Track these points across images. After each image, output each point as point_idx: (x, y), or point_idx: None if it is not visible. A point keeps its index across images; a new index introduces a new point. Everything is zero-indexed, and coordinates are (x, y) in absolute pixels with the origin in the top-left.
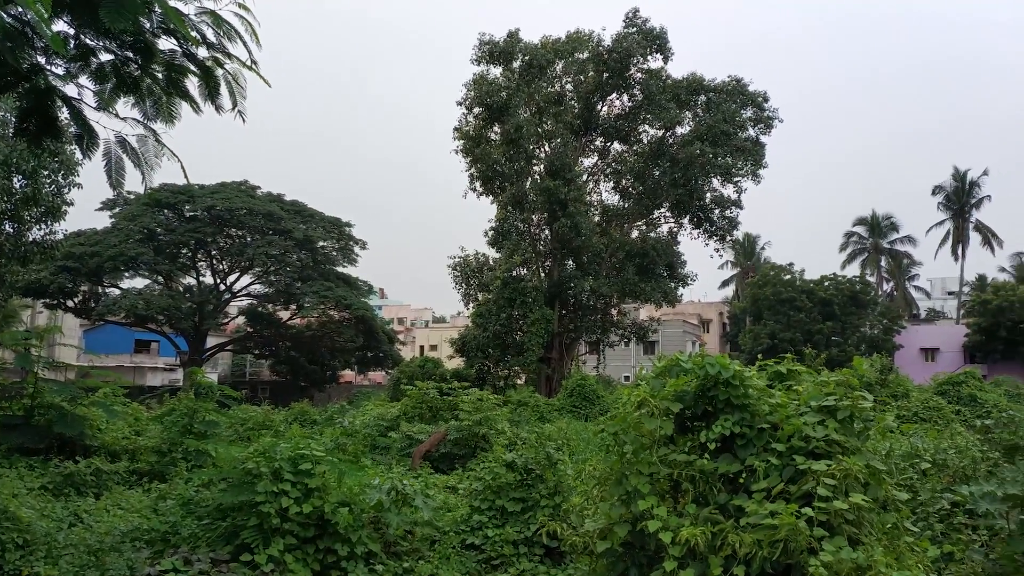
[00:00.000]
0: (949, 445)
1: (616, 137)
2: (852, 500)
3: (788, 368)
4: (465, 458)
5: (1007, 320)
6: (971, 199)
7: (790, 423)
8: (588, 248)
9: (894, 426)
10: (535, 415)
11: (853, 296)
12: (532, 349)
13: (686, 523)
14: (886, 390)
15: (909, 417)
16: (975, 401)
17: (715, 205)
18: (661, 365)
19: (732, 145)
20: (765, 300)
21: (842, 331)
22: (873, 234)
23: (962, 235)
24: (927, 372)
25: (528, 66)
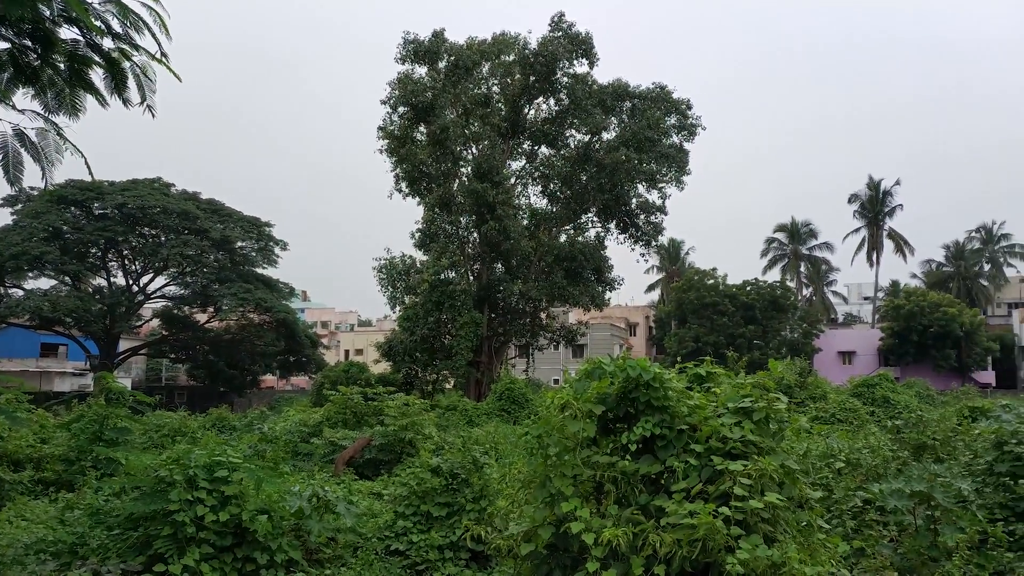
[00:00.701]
0: (863, 445)
1: (544, 141)
2: (767, 499)
3: (707, 371)
4: (391, 464)
5: (918, 324)
6: (884, 207)
7: (708, 424)
8: (517, 251)
9: (807, 427)
10: (464, 419)
11: (774, 301)
12: (461, 353)
13: (608, 524)
14: (805, 392)
15: (826, 418)
16: (888, 402)
17: (641, 211)
18: (583, 368)
19: (657, 152)
20: (690, 304)
21: (764, 335)
22: (793, 240)
23: (876, 242)
24: (845, 374)
25: (454, 67)
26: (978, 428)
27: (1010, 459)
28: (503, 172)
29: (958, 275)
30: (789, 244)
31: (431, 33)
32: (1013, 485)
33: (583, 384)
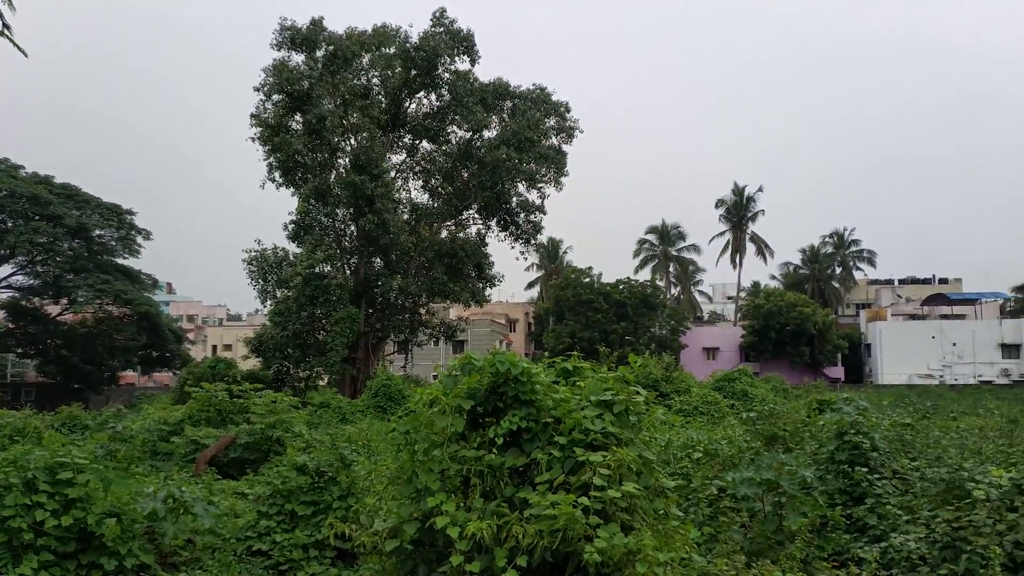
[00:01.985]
0: (721, 436)
1: (425, 136)
2: (625, 489)
3: (574, 365)
4: (257, 463)
5: (776, 323)
6: (748, 212)
7: (572, 417)
8: (396, 246)
9: (664, 419)
10: (337, 417)
11: (645, 299)
12: (336, 349)
13: (474, 518)
14: (671, 386)
15: (689, 411)
16: (746, 396)
17: (521, 209)
18: (452, 363)
19: (536, 152)
20: (567, 301)
21: (635, 331)
22: (663, 242)
23: (740, 245)
24: (709, 369)
25: (333, 56)
26: (822, 420)
27: (849, 448)
28: (383, 165)
29: (813, 277)
30: (660, 245)
31: (309, 20)
32: (851, 472)
33: (452, 379)
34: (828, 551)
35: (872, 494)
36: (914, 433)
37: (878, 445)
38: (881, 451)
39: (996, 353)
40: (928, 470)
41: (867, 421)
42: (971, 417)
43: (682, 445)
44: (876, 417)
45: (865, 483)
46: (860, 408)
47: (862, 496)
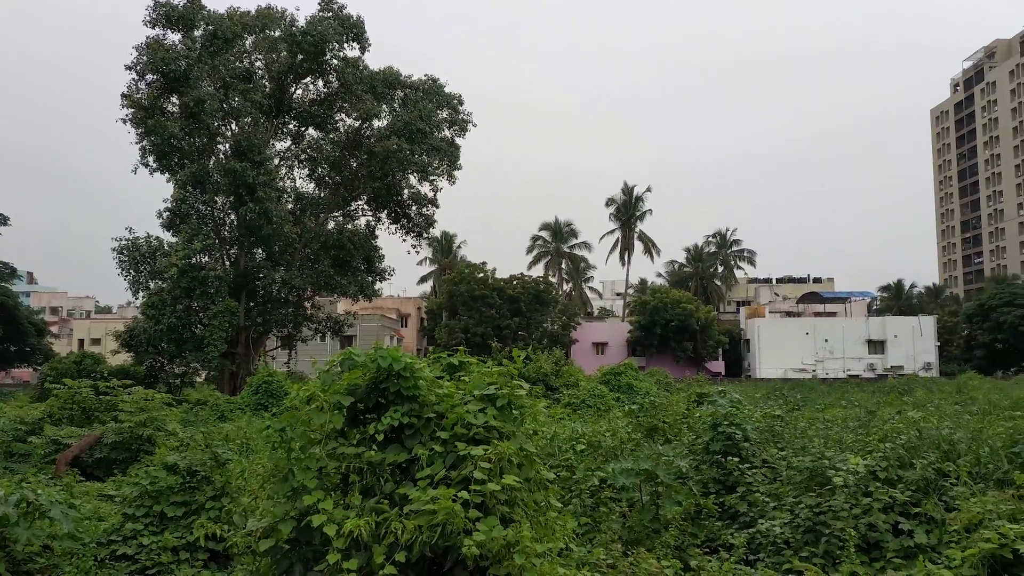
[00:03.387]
0: (606, 428)
1: (312, 123)
2: (505, 481)
3: (460, 360)
4: (126, 463)
5: (662, 319)
6: (636, 212)
7: (454, 412)
8: (280, 237)
9: (545, 412)
10: (215, 415)
11: (538, 295)
12: (214, 344)
13: (352, 515)
14: (560, 380)
15: (578, 404)
16: (632, 389)
17: (413, 202)
18: (331, 359)
19: (428, 144)
20: (460, 296)
21: (527, 326)
22: (556, 239)
23: (629, 243)
24: (598, 363)
25: (212, 36)
26: (699, 412)
27: (723, 439)
28: (266, 152)
29: (696, 275)
30: (552, 242)
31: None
32: (724, 461)
33: (330, 375)
34: (701, 538)
35: (743, 482)
36: (783, 424)
37: (750, 436)
38: (752, 441)
39: (863, 349)
40: (794, 459)
41: (740, 413)
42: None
43: (567, 437)
44: (749, 409)
45: (737, 472)
46: (733, 401)
47: (734, 484)
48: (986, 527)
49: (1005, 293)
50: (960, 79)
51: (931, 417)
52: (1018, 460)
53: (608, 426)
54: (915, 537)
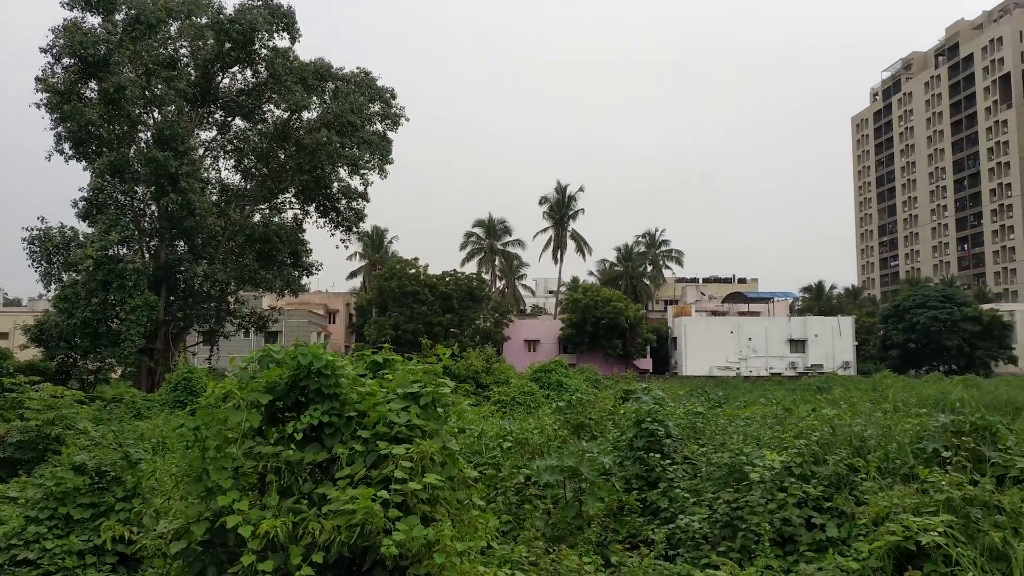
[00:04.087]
0: (534, 426)
1: (239, 113)
2: (427, 480)
3: (384, 358)
4: (32, 463)
5: (592, 317)
6: (569, 211)
7: (376, 410)
8: (202, 229)
9: (469, 409)
10: (131, 412)
11: (470, 291)
12: (131, 339)
13: (268, 515)
14: (491, 377)
15: (507, 401)
16: (561, 386)
17: (342, 195)
18: (248, 356)
19: (359, 137)
20: (391, 292)
21: (460, 323)
22: (489, 236)
23: (561, 241)
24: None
25: (135, 21)
26: (624, 409)
27: (646, 435)
28: (190, 141)
29: (626, 274)
30: (486, 239)
31: None
32: (647, 458)
33: (247, 373)
34: (623, 534)
35: (665, 478)
36: (705, 421)
37: (672, 432)
38: (674, 438)
39: (785, 347)
40: (714, 455)
41: (663, 410)
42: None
43: (495, 435)
44: (672, 406)
45: (659, 468)
46: (657, 398)
47: (656, 481)
48: (892, 520)
49: (918, 295)
50: (879, 89)
51: (844, 415)
52: (923, 456)
53: (536, 423)
54: (827, 531)
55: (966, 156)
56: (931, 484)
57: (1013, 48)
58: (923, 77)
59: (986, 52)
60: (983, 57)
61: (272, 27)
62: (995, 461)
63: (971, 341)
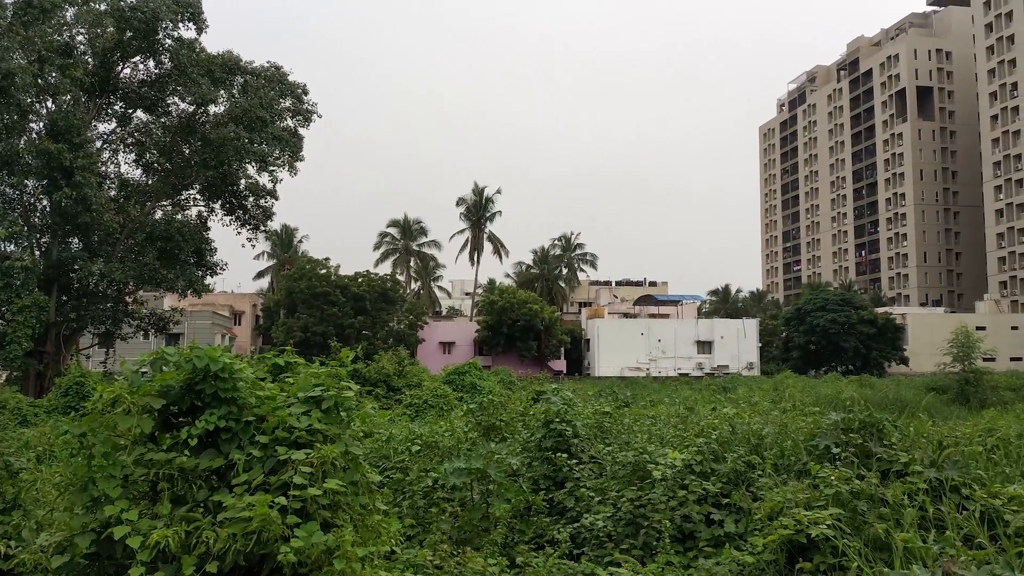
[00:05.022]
0: (445, 428)
1: (141, 105)
2: (328, 485)
3: (286, 360)
4: None
5: (508, 319)
6: (486, 213)
7: (276, 415)
8: (99, 226)
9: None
10: (15, 419)
11: (384, 293)
12: (18, 341)
13: (159, 525)
14: (403, 380)
15: (420, 404)
16: (475, 388)
17: (250, 193)
18: (140, 359)
19: (269, 133)
20: (300, 293)
21: (372, 325)
22: (405, 236)
23: (478, 243)
24: (445, 363)
25: (27, 5)
26: (534, 410)
27: (554, 436)
28: (86, 133)
29: (542, 277)
30: (401, 239)
31: None
32: (554, 458)
33: (139, 376)
34: (530, 534)
35: (572, 478)
36: (612, 421)
37: (580, 432)
38: (582, 438)
39: (693, 349)
40: (619, 454)
41: (571, 410)
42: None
43: (403, 439)
44: (580, 407)
45: (566, 468)
46: (566, 399)
47: (563, 480)
48: (785, 514)
49: (818, 299)
50: (785, 100)
51: (744, 413)
52: (815, 452)
53: (447, 426)
54: (725, 526)
55: (865, 166)
56: (822, 479)
57: (908, 65)
58: (826, 90)
59: (884, 68)
60: (881, 73)
61: (177, 16)
62: (881, 456)
63: (867, 343)
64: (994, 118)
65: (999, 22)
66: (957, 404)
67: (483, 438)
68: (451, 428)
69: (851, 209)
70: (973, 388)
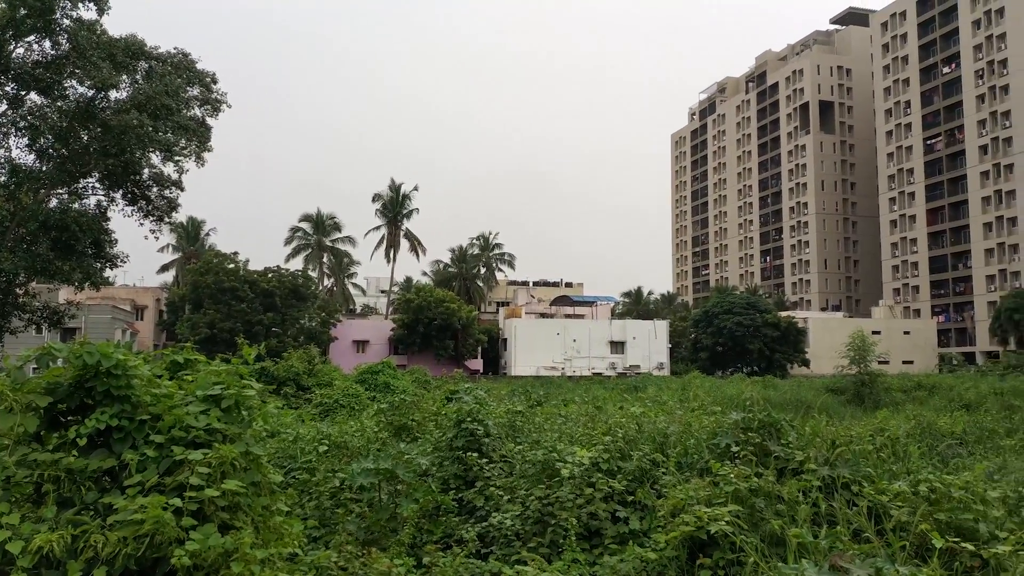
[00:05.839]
0: (355, 428)
1: (35, 87)
2: (226, 486)
3: (185, 357)
4: None
5: (425, 317)
6: (403, 209)
7: (173, 413)
8: None
9: (276, 413)
10: None
11: (295, 289)
12: None
13: (44, 529)
14: (313, 379)
15: (331, 404)
16: (388, 387)
17: (154, 183)
18: (24, 354)
19: (174, 121)
20: (207, 288)
21: (283, 322)
22: (318, 231)
23: (395, 240)
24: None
25: None
26: (446, 409)
27: (466, 435)
28: None
29: (460, 276)
30: (314, 235)
31: None
32: (465, 457)
33: (23, 372)
34: (439, 534)
35: (482, 477)
36: (523, 420)
37: (491, 431)
38: (493, 437)
39: (607, 349)
40: (529, 452)
41: (483, 409)
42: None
43: (312, 439)
44: (493, 406)
45: (476, 467)
46: (478, 398)
47: (474, 480)
48: (687, 511)
49: (725, 302)
50: (697, 109)
51: (650, 412)
52: (716, 451)
53: (358, 426)
54: (630, 523)
55: (770, 176)
56: (722, 477)
57: (811, 80)
58: (735, 100)
59: (789, 82)
60: (787, 86)
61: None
62: (778, 455)
63: (771, 345)
64: (889, 134)
65: (895, 43)
66: (853, 405)
67: (394, 438)
68: (361, 428)
69: (757, 216)
70: (868, 389)
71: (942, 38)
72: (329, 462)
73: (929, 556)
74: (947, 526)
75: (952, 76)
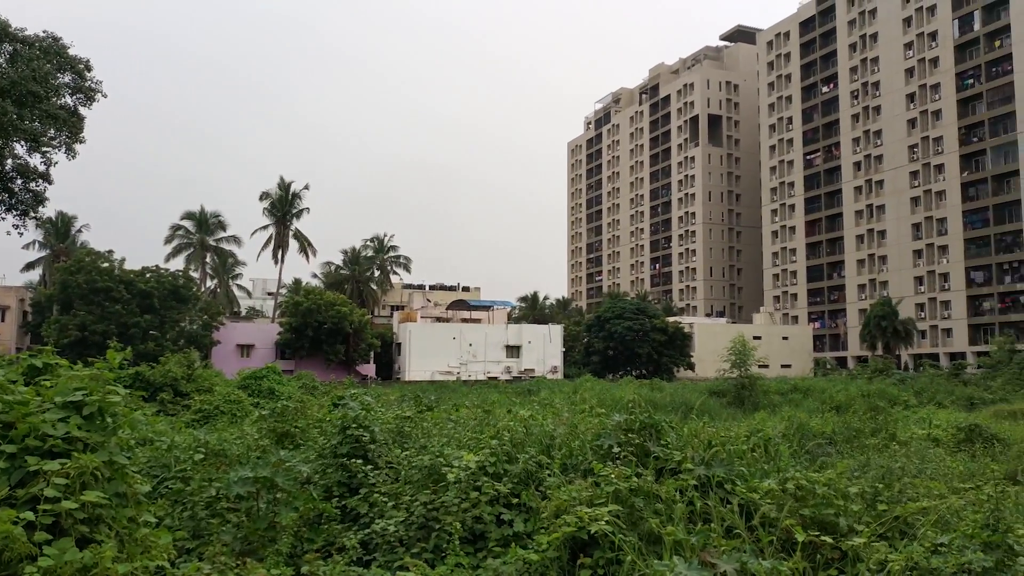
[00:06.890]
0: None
1: None
2: (86, 498)
3: (44, 362)
4: None
5: (315, 321)
6: (293, 209)
7: (27, 421)
8: None
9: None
10: None
11: (175, 290)
12: None
13: None
14: (192, 384)
15: (210, 411)
16: (273, 393)
17: (18, 174)
18: None
19: (42, 110)
20: (77, 288)
21: (161, 325)
22: (201, 230)
23: (283, 241)
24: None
25: None
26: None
27: (351, 441)
28: None
29: (353, 278)
30: (196, 233)
31: None
32: (350, 464)
33: None
34: (320, 542)
35: (367, 484)
36: (412, 425)
37: (377, 437)
38: (379, 443)
39: (503, 353)
40: (415, 458)
41: (370, 415)
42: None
43: (187, 446)
44: (381, 411)
45: (361, 474)
46: (365, 403)
47: (358, 487)
48: (569, 512)
49: (617, 308)
50: (592, 119)
51: (538, 415)
52: (600, 452)
53: (238, 433)
54: (515, 526)
55: (661, 186)
56: (603, 478)
57: (701, 94)
58: (629, 111)
59: (680, 95)
60: (678, 99)
61: None
62: (657, 455)
63: (659, 349)
64: (772, 148)
65: (779, 61)
66: (734, 407)
67: (276, 445)
68: (242, 435)
69: (648, 225)
70: (748, 392)
71: (822, 59)
72: (206, 471)
73: (794, 550)
74: (811, 520)
75: (831, 95)
